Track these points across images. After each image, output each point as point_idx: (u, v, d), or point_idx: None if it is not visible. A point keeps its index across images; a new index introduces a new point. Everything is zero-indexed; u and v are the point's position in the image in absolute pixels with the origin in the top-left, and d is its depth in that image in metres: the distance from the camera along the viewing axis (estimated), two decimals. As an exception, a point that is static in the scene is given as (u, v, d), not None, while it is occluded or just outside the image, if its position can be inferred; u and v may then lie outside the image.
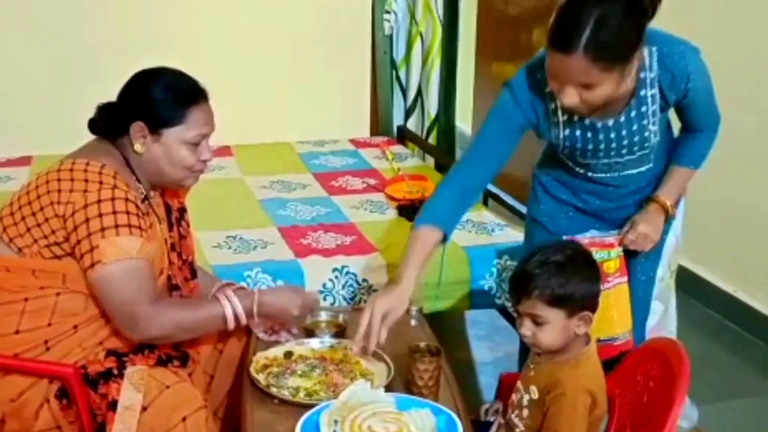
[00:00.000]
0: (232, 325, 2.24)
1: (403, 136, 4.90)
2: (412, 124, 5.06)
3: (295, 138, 4.71)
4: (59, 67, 4.44)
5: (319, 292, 2.51)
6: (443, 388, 2.16)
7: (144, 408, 2.05)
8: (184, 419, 2.03)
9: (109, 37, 4.44)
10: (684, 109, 2.43)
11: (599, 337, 2.38)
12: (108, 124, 2.23)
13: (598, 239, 2.52)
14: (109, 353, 2.16)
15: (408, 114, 5.08)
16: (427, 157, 4.76)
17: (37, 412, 2.13)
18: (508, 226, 3.49)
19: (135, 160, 2.22)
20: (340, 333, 2.44)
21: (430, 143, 4.93)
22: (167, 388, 2.09)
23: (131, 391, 2.07)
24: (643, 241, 2.50)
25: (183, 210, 2.46)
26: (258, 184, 3.97)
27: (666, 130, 2.50)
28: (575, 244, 2.16)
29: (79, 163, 2.13)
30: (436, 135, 5.03)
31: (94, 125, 2.26)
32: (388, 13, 4.83)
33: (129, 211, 2.10)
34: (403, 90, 5.06)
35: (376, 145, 4.63)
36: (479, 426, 2.22)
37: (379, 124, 5.05)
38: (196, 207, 3.42)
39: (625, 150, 2.41)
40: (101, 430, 2.08)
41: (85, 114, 2.27)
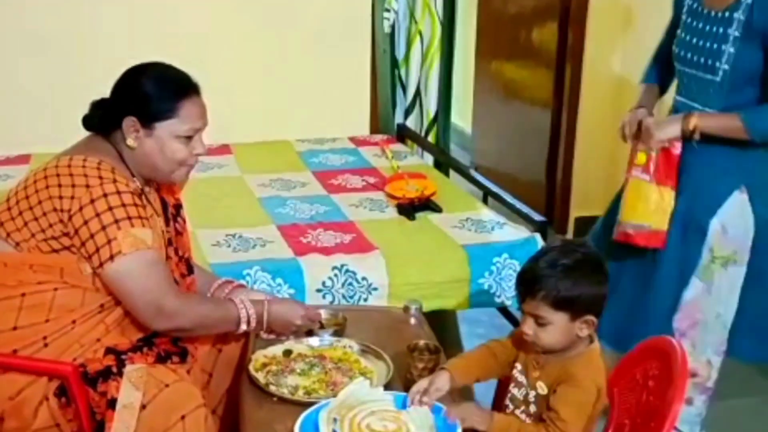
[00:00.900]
0: (243, 328, 2.27)
1: (403, 135, 4.90)
2: (412, 123, 5.06)
3: (294, 136, 4.71)
4: (58, 65, 4.43)
5: (321, 310, 2.51)
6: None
7: (143, 406, 2.05)
8: (183, 418, 2.03)
9: (109, 34, 4.43)
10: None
11: (630, 221, 2.80)
12: (101, 120, 2.24)
13: None
14: (108, 351, 2.16)
15: (407, 112, 5.07)
16: (426, 155, 4.76)
17: (36, 410, 2.13)
18: (508, 224, 3.48)
19: (128, 155, 2.22)
20: (340, 331, 2.44)
21: (430, 142, 4.93)
22: (166, 386, 2.08)
23: (130, 390, 2.07)
24: (645, 134, 2.75)
25: (179, 206, 2.46)
26: (257, 182, 3.97)
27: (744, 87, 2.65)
28: (586, 246, 2.13)
29: (76, 159, 2.14)
30: (435, 133, 5.03)
31: (89, 122, 2.26)
32: (388, 11, 4.82)
33: (136, 203, 2.12)
34: (403, 88, 5.06)
35: (376, 144, 4.62)
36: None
37: (378, 123, 5.04)
38: (196, 205, 3.43)
39: (697, 54, 2.69)
40: (100, 428, 2.08)
41: (84, 112, 2.28)
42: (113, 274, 2.10)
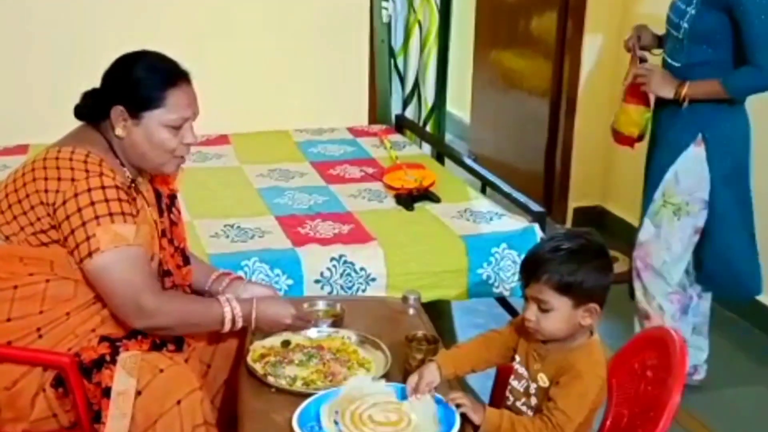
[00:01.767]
0: (228, 327, 2.23)
1: (401, 125, 4.89)
2: (410, 113, 5.05)
3: (292, 126, 4.70)
4: (55, 56, 4.42)
5: (315, 311, 2.49)
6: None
7: (138, 392, 2.04)
8: (178, 402, 2.03)
9: (107, 25, 4.42)
10: (738, 33, 2.89)
11: (615, 127, 3.30)
12: (91, 109, 2.22)
13: None
14: (103, 339, 2.15)
15: (406, 102, 5.07)
16: (425, 145, 4.75)
17: (33, 401, 2.13)
18: (506, 214, 3.48)
19: (118, 144, 2.19)
20: (338, 322, 2.44)
21: (428, 132, 4.93)
22: (161, 371, 2.08)
23: (124, 377, 2.06)
24: (643, 78, 3.10)
25: (173, 197, 2.43)
26: (255, 172, 3.96)
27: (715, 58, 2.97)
28: (591, 234, 2.12)
29: (64, 152, 2.11)
30: (433, 123, 5.02)
31: (80, 111, 2.24)
32: (387, 0, 4.82)
33: (120, 198, 2.10)
34: (402, 78, 5.05)
35: (374, 134, 4.62)
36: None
37: (377, 113, 5.03)
38: (194, 196, 3.44)
39: (673, 14, 3.05)
40: (98, 418, 2.08)
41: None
42: (93, 270, 2.09)
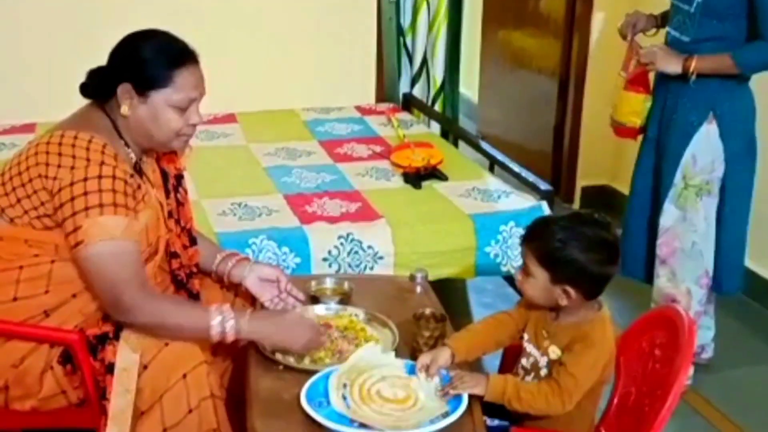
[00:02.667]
0: (215, 340, 2.14)
1: (409, 103, 4.88)
2: (418, 92, 5.03)
3: (300, 105, 4.69)
4: (63, 34, 4.41)
5: (326, 278, 2.48)
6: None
7: (144, 367, 2.05)
8: (184, 376, 2.03)
9: (115, 3, 4.41)
10: (753, 7, 2.83)
11: (615, 117, 3.23)
12: (97, 87, 2.20)
13: None
14: (107, 316, 2.14)
15: (414, 81, 5.05)
16: (433, 124, 4.74)
17: (41, 378, 2.13)
18: (514, 193, 3.48)
19: (123, 124, 2.17)
20: (345, 300, 2.44)
21: (436, 110, 4.91)
22: (166, 345, 2.08)
23: (127, 352, 2.06)
24: (647, 57, 3.02)
25: (180, 177, 2.42)
26: (263, 151, 3.95)
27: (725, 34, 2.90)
28: (601, 225, 2.06)
29: (67, 137, 2.09)
30: (441, 102, 5.01)
31: (86, 89, 2.22)
32: (394, -22, 4.80)
33: (115, 189, 2.06)
34: (410, 57, 5.04)
35: (382, 112, 4.60)
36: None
37: (384, 91, 5.02)
38: (201, 174, 3.44)
39: None
40: (104, 394, 2.07)
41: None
42: (79, 260, 2.07)
